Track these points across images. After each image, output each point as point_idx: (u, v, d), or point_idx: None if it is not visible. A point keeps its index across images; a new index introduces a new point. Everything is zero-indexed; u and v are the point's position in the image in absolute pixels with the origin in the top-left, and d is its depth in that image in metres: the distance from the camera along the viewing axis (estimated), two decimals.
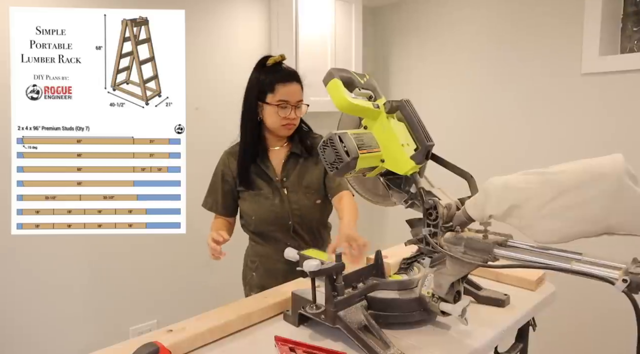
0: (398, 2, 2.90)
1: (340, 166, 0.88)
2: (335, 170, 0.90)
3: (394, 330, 0.92)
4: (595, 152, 0.74)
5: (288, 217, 1.44)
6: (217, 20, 2.28)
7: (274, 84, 1.39)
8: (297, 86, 1.42)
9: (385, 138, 0.94)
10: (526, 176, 0.78)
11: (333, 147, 0.89)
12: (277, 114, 1.40)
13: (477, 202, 0.84)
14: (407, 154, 0.93)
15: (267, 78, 1.40)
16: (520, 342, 1.19)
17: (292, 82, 1.40)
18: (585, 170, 0.71)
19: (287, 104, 1.40)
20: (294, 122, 1.43)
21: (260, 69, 1.43)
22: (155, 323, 2.18)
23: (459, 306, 0.86)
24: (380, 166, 0.95)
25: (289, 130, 1.45)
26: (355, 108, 0.95)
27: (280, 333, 0.92)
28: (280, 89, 1.39)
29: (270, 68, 1.42)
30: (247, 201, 1.48)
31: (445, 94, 2.68)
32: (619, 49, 2.07)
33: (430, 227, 0.89)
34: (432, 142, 0.95)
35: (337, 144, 0.88)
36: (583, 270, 0.70)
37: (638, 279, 0.63)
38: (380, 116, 0.95)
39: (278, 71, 1.41)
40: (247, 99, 1.45)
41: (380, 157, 0.94)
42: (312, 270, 0.86)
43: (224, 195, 1.52)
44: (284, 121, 1.41)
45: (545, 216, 0.73)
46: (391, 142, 0.93)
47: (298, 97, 1.42)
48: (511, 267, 0.79)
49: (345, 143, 0.88)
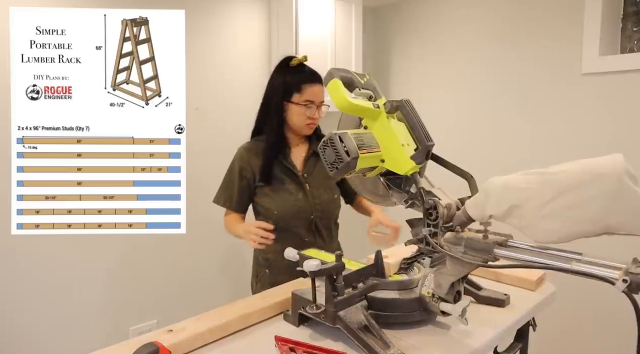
0: (398, 2, 2.90)
1: (341, 166, 0.88)
2: (335, 170, 0.90)
3: (394, 330, 0.92)
4: (595, 152, 0.74)
5: (310, 211, 1.49)
6: (217, 20, 2.28)
7: (301, 84, 1.43)
8: (321, 87, 1.45)
9: (385, 138, 0.94)
10: (526, 176, 0.78)
11: (333, 147, 0.89)
12: (303, 114, 1.45)
13: (477, 202, 0.84)
14: (408, 154, 0.93)
15: (293, 79, 1.44)
16: (520, 342, 1.19)
17: (316, 83, 1.45)
18: (585, 170, 0.71)
19: (313, 104, 1.44)
20: (316, 122, 1.49)
21: (284, 70, 1.47)
22: (155, 323, 2.18)
23: (459, 306, 0.86)
24: (381, 166, 0.95)
25: (311, 129, 1.50)
26: (355, 108, 0.95)
27: (280, 333, 0.92)
28: (306, 89, 1.44)
29: (295, 68, 1.46)
30: (268, 196, 1.50)
31: (445, 94, 2.68)
32: (619, 49, 2.07)
33: (431, 227, 0.89)
34: (432, 142, 0.95)
35: (337, 144, 0.88)
36: (583, 270, 0.70)
37: (638, 279, 0.63)
38: (381, 116, 0.96)
39: (303, 72, 1.45)
40: (272, 98, 1.49)
41: (380, 157, 0.94)
42: (312, 270, 0.86)
43: (240, 191, 1.53)
44: (308, 120, 1.46)
45: (545, 216, 0.74)
46: (391, 142, 0.93)
47: (322, 98, 1.46)
48: (511, 267, 0.79)
49: (345, 143, 0.88)
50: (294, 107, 1.45)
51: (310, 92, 1.44)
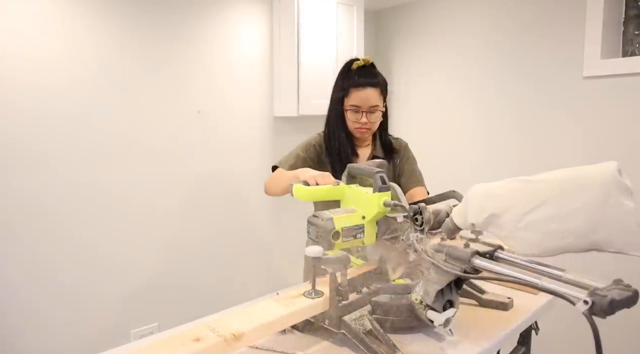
0: (400, 5, 2.91)
1: (322, 231, 0.91)
2: (321, 239, 0.91)
3: (399, 335, 0.92)
4: (596, 155, 0.73)
5: None
6: (219, 24, 2.28)
7: (349, 89, 1.42)
8: (372, 91, 1.41)
9: (355, 199, 1.02)
10: (509, 183, 0.74)
11: (312, 224, 0.94)
12: (352, 119, 1.43)
13: (460, 211, 0.82)
14: (371, 192, 0.96)
15: (345, 83, 1.43)
16: (523, 345, 1.19)
17: (365, 88, 1.40)
18: (569, 179, 0.66)
19: (359, 109, 1.41)
20: (367, 127, 1.44)
21: (344, 73, 1.46)
22: (156, 326, 2.18)
23: (443, 316, 0.84)
24: (364, 222, 0.97)
25: (362, 134, 1.46)
26: (318, 193, 1.08)
27: (286, 335, 0.92)
28: (352, 94, 1.41)
29: (352, 72, 1.43)
30: None
31: (447, 97, 2.68)
32: (620, 53, 2.07)
33: (417, 232, 0.90)
34: (380, 170, 0.97)
35: (312, 219, 0.95)
36: (548, 288, 0.66)
37: (603, 301, 0.57)
38: (344, 188, 1.07)
39: (354, 76, 1.42)
40: (331, 103, 1.49)
41: (361, 216, 0.97)
42: (314, 256, 0.86)
43: None
44: (357, 124, 1.43)
45: (525, 227, 0.69)
46: (359, 197, 1.00)
47: (371, 103, 1.41)
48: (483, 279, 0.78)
49: (319, 217, 0.94)
50: (346, 112, 1.44)
51: (356, 96, 1.40)
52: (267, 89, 2.52)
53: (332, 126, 1.48)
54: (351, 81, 1.42)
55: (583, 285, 0.64)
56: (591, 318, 0.57)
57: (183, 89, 2.19)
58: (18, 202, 1.76)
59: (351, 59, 1.47)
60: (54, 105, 1.82)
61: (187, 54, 2.18)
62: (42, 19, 1.77)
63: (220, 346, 0.71)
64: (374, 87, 1.41)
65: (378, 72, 1.46)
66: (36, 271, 1.82)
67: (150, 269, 2.14)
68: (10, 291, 1.77)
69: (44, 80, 1.79)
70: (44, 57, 1.79)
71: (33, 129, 1.78)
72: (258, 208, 2.53)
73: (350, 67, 1.44)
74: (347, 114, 1.44)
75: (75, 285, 1.91)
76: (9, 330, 1.77)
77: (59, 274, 1.87)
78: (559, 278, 0.68)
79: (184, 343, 0.70)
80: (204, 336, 0.72)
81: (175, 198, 2.21)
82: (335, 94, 1.47)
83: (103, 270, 1.99)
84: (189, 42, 2.19)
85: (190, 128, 2.24)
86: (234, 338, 0.72)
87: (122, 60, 1.98)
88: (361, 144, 1.53)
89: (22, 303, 1.80)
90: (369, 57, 1.46)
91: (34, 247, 1.81)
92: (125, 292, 2.07)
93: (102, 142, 1.95)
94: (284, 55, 2.43)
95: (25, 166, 1.77)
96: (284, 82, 2.45)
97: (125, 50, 1.99)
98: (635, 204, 0.61)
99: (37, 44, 1.77)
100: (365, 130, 1.45)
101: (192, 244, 2.29)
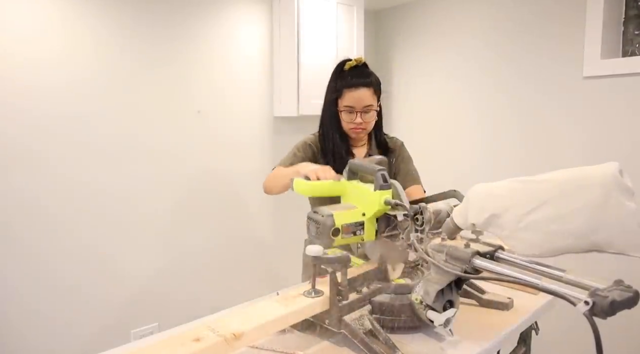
0: (400, 5, 2.90)
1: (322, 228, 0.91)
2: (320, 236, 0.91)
3: (399, 335, 0.92)
4: (596, 155, 0.72)
5: None
6: (219, 24, 2.28)
7: (342, 90, 1.41)
8: (365, 91, 1.40)
9: (356, 195, 1.02)
10: (510, 184, 0.74)
11: (311, 220, 0.95)
12: (346, 119, 1.43)
13: (461, 211, 0.82)
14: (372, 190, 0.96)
15: (338, 84, 1.43)
16: (523, 346, 1.19)
17: (359, 88, 1.39)
18: (570, 180, 0.65)
19: (353, 110, 1.41)
20: (362, 127, 1.43)
21: (336, 74, 1.45)
22: (156, 326, 2.18)
23: (444, 316, 0.84)
24: (364, 219, 0.97)
25: (357, 134, 1.46)
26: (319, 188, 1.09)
27: (286, 335, 0.92)
28: (346, 95, 1.40)
29: (344, 73, 1.43)
30: None
31: (447, 97, 2.68)
32: (620, 53, 2.07)
33: (418, 232, 0.89)
34: (381, 167, 0.97)
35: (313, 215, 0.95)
36: (549, 288, 0.66)
37: (603, 302, 0.57)
38: (345, 184, 1.08)
39: (347, 76, 1.41)
40: (325, 104, 1.49)
41: (361, 213, 0.97)
42: (314, 255, 0.86)
43: None
44: (351, 125, 1.43)
45: (525, 227, 0.69)
46: (360, 193, 1.00)
47: (364, 103, 1.40)
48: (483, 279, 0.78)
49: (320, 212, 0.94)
50: (341, 113, 1.43)
51: (350, 97, 1.40)
52: (267, 89, 2.52)
53: (326, 127, 1.48)
54: (344, 82, 1.41)
55: (584, 286, 0.64)
56: (592, 319, 0.57)
57: (183, 89, 2.19)
58: (18, 202, 1.77)
59: (343, 60, 1.46)
60: (54, 105, 1.82)
61: (187, 54, 2.18)
62: (42, 19, 1.77)
63: (220, 346, 0.71)
64: (367, 87, 1.41)
65: (371, 71, 1.45)
66: (36, 271, 1.82)
67: (150, 269, 2.14)
68: (10, 291, 1.77)
69: (44, 80, 1.79)
70: (44, 57, 1.79)
71: (33, 129, 1.78)
72: (258, 208, 2.53)
73: (343, 68, 1.43)
74: (341, 115, 1.44)
75: (75, 285, 1.91)
76: (9, 330, 1.77)
77: (59, 274, 1.87)
78: (559, 279, 0.68)
79: (184, 343, 0.70)
80: (204, 336, 0.72)
81: (175, 198, 2.21)
82: (328, 96, 1.47)
83: (103, 270, 1.99)
84: (189, 42, 2.19)
85: (190, 128, 2.24)
86: (234, 337, 0.72)
87: (122, 60, 1.98)
88: (356, 144, 1.53)
89: (22, 303, 1.79)
90: (361, 57, 1.46)
91: (34, 247, 1.81)
92: (125, 292, 2.06)
93: (102, 142, 1.95)
94: (284, 55, 2.43)
95: (25, 166, 1.77)
96: (284, 82, 2.45)
97: (125, 50, 1.99)
98: (636, 205, 0.61)
99: (37, 44, 1.77)
100: (361, 130, 1.44)
101: (192, 244, 2.29)
